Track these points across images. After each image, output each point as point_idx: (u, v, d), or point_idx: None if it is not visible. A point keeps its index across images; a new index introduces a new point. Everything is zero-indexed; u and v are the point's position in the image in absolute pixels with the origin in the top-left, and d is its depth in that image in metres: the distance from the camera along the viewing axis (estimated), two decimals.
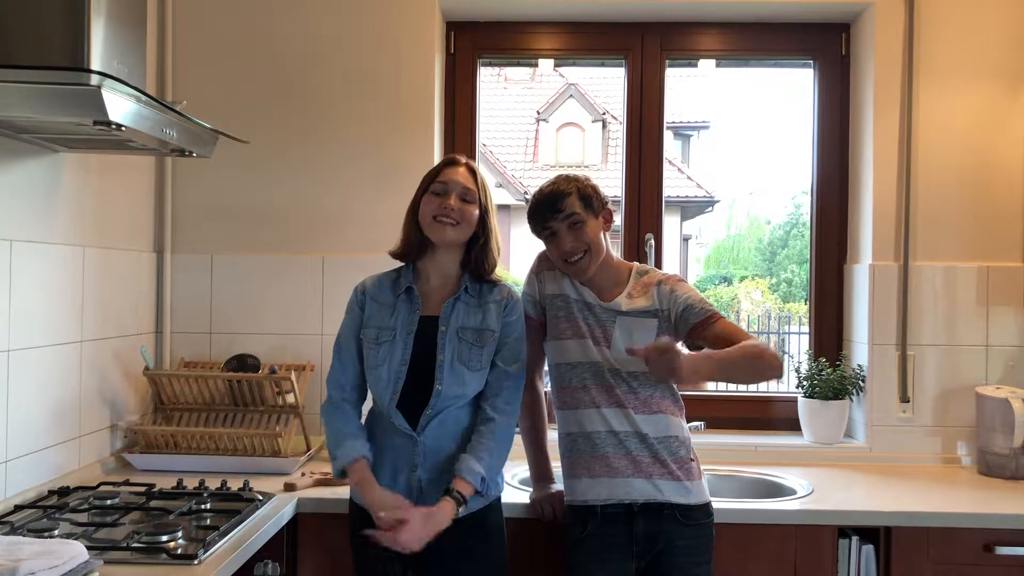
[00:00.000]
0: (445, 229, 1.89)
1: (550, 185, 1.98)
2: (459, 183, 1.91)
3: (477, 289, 1.95)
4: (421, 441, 1.87)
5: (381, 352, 1.89)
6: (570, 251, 1.94)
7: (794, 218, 16.16)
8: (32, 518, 1.83)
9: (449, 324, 1.90)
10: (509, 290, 1.97)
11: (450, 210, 1.88)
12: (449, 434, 1.89)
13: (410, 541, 1.74)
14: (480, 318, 1.92)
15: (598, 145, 13.53)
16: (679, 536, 1.90)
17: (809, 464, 2.57)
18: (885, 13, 2.64)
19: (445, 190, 1.90)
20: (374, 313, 1.94)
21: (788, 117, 20.43)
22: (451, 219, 1.88)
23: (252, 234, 2.70)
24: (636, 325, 1.95)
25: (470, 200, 1.91)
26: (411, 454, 1.87)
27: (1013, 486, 2.36)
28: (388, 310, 1.93)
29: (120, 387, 2.44)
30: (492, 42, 2.88)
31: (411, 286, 1.94)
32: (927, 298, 2.64)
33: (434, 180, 1.93)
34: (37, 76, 1.56)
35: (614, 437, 1.92)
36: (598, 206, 1.97)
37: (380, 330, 1.91)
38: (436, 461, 1.88)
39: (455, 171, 1.94)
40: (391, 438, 1.90)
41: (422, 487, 1.87)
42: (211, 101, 2.64)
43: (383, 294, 1.96)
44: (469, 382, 1.88)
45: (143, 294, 2.59)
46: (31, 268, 2.01)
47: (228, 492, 2.09)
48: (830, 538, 2.09)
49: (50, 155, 2.08)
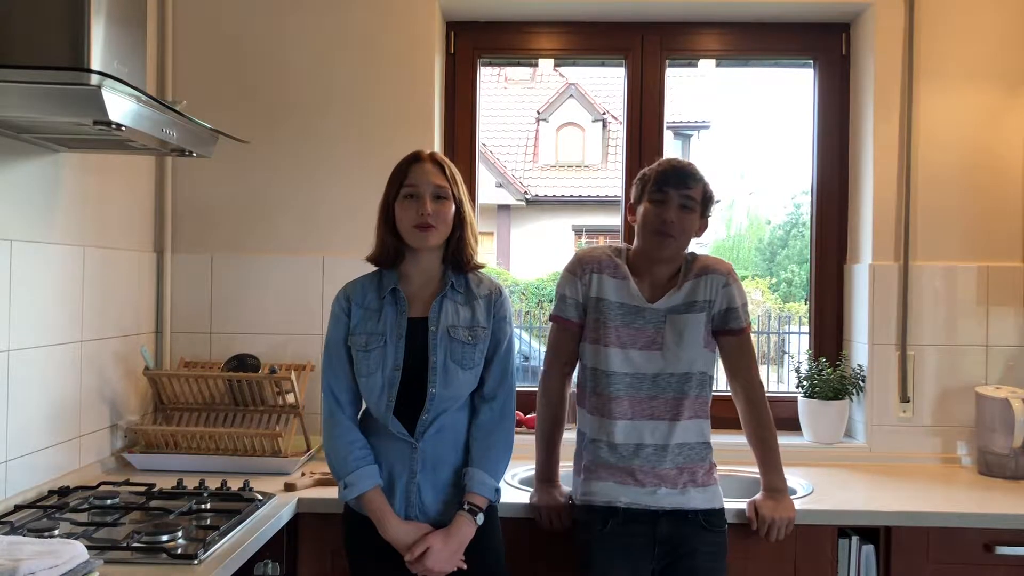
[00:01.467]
0: (427, 236, 1.85)
1: (686, 163, 1.97)
2: (429, 182, 1.86)
3: (463, 283, 1.92)
4: (420, 447, 1.85)
5: (372, 359, 1.86)
6: (672, 222, 1.92)
7: (794, 218, 16.15)
8: (32, 518, 1.82)
9: (439, 324, 1.87)
10: (493, 283, 1.96)
11: (428, 217, 1.84)
12: (447, 439, 1.87)
13: (440, 565, 1.78)
14: (470, 314, 1.89)
15: (598, 145, 13.53)
16: (702, 541, 1.91)
17: (809, 464, 2.56)
18: (885, 13, 2.64)
19: (417, 193, 1.85)
20: (360, 319, 1.89)
21: (788, 117, 20.42)
22: (431, 225, 1.84)
23: (252, 234, 2.70)
24: (686, 322, 1.95)
25: (444, 196, 1.87)
26: (409, 460, 1.86)
27: (1013, 486, 2.36)
28: (374, 315, 1.89)
29: (120, 387, 2.44)
30: (492, 42, 2.88)
31: (396, 287, 1.90)
32: (927, 298, 2.64)
33: (403, 183, 1.87)
34: (37, 76, 1.56)
35: (644, 450, 1.92)
36: (707, 211, 1.99)
37: (369, 336, 1.87)
38: (434, 466, 1.86)
39: (422, 169, 1.88)
40: (387, 443, 1.87)
41: (420, 493, 1.86)
42: (211, 101, 2.64)
43: (367, 298, 1.92)
44: (463, 382, 1.87)
45: (143, 294, 2.59)
46: (31, 268, 2.01)
47: (228, 492, 2.08)
48: (830, 538, 2.09)
49: (50, 155, 2.08)
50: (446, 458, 1.87)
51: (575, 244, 12.69)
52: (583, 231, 13.15)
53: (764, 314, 10.69)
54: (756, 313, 10.82)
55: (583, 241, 12.83)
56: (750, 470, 2.48)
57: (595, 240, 12.68)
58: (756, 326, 10.23)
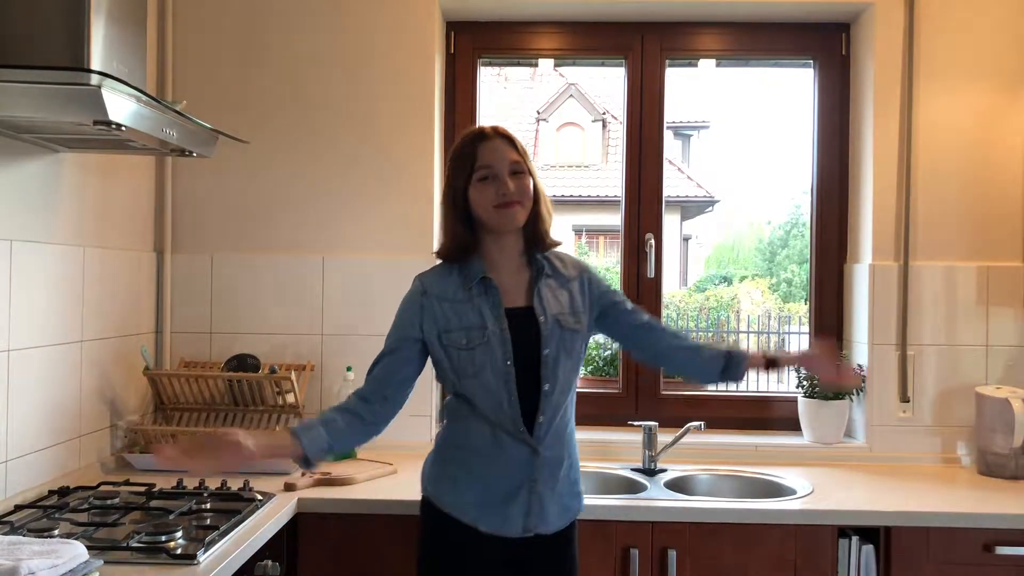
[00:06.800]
0: (515, 214, 1.71)
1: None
2: (505, 159, 1.72)
3: (552, 267, 1.81)
4: (541, 452, 1.71)
5: (477, 356, 1.69)
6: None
7: (794, 218, 16.14)
8: (32, 518, 1.82)
9: (546, 312, 1.74)
10: (577, 262, 1.87)
11: (512, 193, 1.70)
12: (560, 441, 1.75)
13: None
14: (568, 298, 1.78)
15: (598, 145, 13.52)
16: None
17: (809, 464, 2.57)
18: (885, 13, 2.64)
19: (493, 173, 1.71)
20: (451, 314, 1.72)
21: (788, 117, 20.42)
22: (516, 201, 1.71)
23: (252, 234, 2.70)
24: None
25: (520, 171, 1.73)
26: (530, 467, 1.71)
27: (1013, 486, 2.36)
28: (466, 308, 1.72)
29: (120, 387, 2.44)
30: (492, 42, 2.88)
31: (486, 275, 1.74)
32: (927, 298, 2.64)
33: (475, 165, 1.72)
34: (37, 76, 1.56)
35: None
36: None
37: (469, 332, 1.70)
38: (552, 472, 1.73)
39: (492, 146, 1.73)
40: (501, 450, 1.70)
41: (543, 503, 1.72)
42: (211, 101, 2.64)
43: (452, 291, 1.74)
44: (572, 374, 1.75)
45: (143, 294, 2.59)
46: (31, 268, 2.01)
47: (228, 492, 2.09)
48: (830, 538, 2.09)
49: (50, 155, 2.08)
50: (560, 462, 1.75)
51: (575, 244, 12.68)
52: (583, 231, 13.14)
53: (764, 314, 10.69)
54: (756, 313, 10.82)
55: (583, 241, 12.83)
56: (750, 470, 2.49)
57: (595, 240, 12.68)
58: (756, 326, 10.23)
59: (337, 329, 2.67)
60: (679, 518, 2.10)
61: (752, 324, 10.42)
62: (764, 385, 4.69)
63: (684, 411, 2.77)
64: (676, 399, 2.85)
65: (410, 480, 2.31)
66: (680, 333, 1.98)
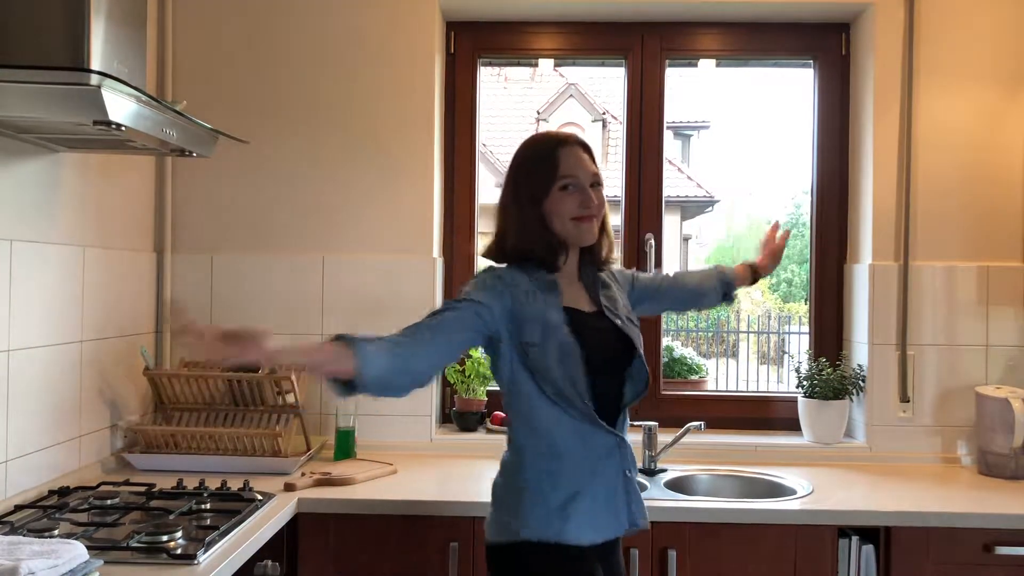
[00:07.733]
0: (592, 228, 1.67)
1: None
2: (587, 170, 1.66)
3: (601, 279, 1.78)
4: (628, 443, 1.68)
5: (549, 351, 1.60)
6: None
7: (794, 218, 16.16)
8: (32, 518, 1.82)
9: (619, 314, 1.71)
10: (619, 268, 1.90)
11: (594, 207, 1.65)
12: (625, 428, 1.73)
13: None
14: (624, 299, 1.80)
15: (598, 145, 13.53)
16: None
17: (809, 464, 2.56)
18: (885, 13, 2.64)
19: (577, 183, 1.65)
20: (527, 306, 1.63)
21: (788, 117, 20.44)
22: (593, 215, 1.66)
23: (252, 234, 2.70)
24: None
25: (599, 184, 1.68)
26: (620, 460, 1.65)
27: (1013, 486, 2.36)
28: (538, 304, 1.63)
29: (120, 387, 2.44)
30: (492, 42, 2.88)
31: (554, 279, 1.68)
32: (927, 298, 2.64)
33: (557, 173, 1.65)
34: (37, 76, 1.56)
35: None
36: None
37: (544, 328, 1.61)
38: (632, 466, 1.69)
39: (576, 155, 1.67)
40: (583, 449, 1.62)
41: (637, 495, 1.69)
42: (211, 101, 2.64)
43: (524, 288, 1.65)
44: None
45: (143, 294, 2.59)
46: (31, 268, 2.01)
47: (228, 492, 2.08)
48: (830, 538, 2.09)
49: (50, 155, 2.08)
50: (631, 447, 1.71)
51: None
52: None
53: (764, 314, 10.69)
54: (756, 313, 10.82)
55: None
56: (750, 470, 2.49)
57: None
58: (756, 326, 10.23)
59: (337, 329, 2.60)
60: (679, 518, 2.10)
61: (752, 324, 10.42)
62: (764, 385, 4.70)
63: (684, 411, 2.77)
64: (676, 399, 2.85)
65: (410, 480, 2.32)
66: (679, 281, 2.06)
